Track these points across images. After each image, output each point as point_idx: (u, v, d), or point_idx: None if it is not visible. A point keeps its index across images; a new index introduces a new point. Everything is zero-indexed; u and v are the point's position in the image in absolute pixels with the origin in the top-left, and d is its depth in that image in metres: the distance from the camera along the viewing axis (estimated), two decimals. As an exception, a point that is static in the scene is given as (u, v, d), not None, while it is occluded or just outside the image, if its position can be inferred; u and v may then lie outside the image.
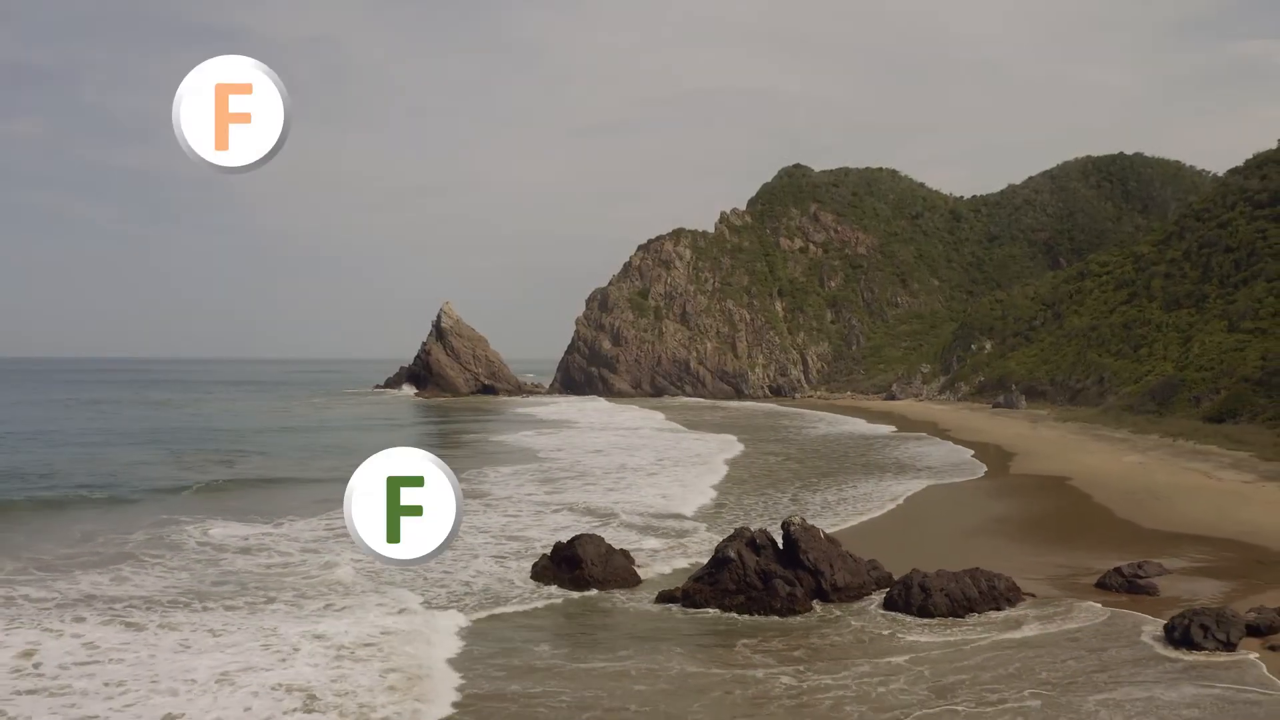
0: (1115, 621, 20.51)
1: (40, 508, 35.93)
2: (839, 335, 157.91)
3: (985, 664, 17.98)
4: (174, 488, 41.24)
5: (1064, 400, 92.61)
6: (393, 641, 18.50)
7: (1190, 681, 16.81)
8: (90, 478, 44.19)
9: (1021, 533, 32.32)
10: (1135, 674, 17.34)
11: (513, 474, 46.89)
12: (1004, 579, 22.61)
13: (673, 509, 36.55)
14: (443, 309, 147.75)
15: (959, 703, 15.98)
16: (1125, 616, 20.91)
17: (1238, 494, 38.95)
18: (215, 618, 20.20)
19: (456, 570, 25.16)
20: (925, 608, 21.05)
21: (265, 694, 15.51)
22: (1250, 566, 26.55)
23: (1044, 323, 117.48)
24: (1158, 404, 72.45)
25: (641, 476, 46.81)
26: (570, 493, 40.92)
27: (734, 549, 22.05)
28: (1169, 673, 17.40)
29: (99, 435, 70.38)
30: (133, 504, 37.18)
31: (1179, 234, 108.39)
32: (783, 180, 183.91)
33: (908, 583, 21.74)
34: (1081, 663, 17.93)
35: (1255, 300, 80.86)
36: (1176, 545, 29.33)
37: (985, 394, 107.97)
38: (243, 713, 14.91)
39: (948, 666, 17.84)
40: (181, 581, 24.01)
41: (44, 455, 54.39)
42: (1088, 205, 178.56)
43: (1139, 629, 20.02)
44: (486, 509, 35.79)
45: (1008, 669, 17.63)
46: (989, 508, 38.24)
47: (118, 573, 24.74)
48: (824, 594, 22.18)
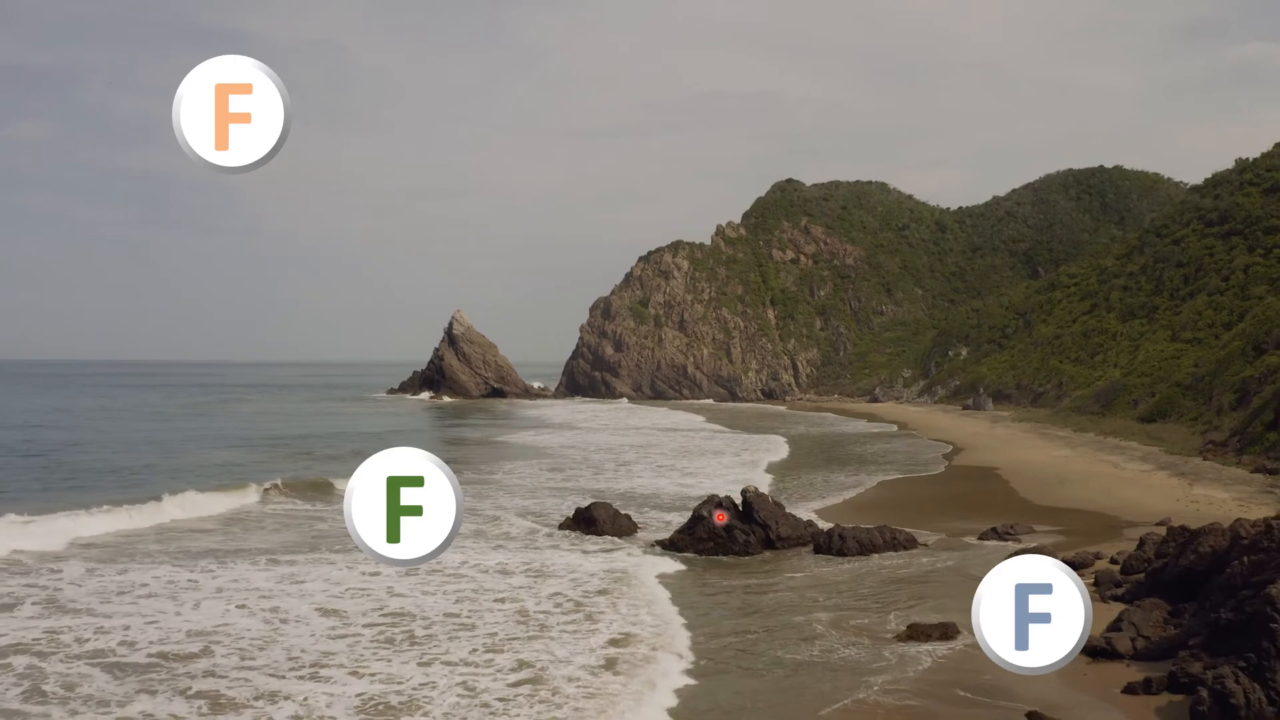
0: (969, 557, 29.13)
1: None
2: (827, 342, 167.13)
3: (867, 579, 26.62)
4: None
5: (1027, 402, 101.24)
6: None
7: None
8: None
9: (939, 506, 40.95)
10: (963, 587, 25.92)
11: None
12: (904, 533, 31.22)
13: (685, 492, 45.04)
14: (454, 317, 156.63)
15: (841, 596, 24.63)
16: (976, 555, 29.52)
17: (1129, 480, 47.48)
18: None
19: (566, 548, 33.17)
20: (842, 550, 29.64)
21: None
22: (1102, 530, 34.98)
23: (1016, 331, 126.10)
24: (1101, 406, 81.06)
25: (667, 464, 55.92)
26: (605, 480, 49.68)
27: (706, 509, 30.70)
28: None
29: (209, 439, 73.96)
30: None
31: (1140, 249, 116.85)
32: (775, 194, 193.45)
33: (830, 534, 30.38)
34: (928, 577, 26.54)
35: (1196, 313, 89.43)
36: (1056, 516, 37.84)
37: (959, 397, 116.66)
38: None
39: (843, 581, 26.48)
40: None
41: (230, 456, 59.12)
42: (1066, 217, 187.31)
43: (989, 563, 28.59)
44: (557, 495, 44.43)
45: (879, 580, 26.30)
46: (925, 489, 46.91)
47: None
48: (771, 543, 30.74)
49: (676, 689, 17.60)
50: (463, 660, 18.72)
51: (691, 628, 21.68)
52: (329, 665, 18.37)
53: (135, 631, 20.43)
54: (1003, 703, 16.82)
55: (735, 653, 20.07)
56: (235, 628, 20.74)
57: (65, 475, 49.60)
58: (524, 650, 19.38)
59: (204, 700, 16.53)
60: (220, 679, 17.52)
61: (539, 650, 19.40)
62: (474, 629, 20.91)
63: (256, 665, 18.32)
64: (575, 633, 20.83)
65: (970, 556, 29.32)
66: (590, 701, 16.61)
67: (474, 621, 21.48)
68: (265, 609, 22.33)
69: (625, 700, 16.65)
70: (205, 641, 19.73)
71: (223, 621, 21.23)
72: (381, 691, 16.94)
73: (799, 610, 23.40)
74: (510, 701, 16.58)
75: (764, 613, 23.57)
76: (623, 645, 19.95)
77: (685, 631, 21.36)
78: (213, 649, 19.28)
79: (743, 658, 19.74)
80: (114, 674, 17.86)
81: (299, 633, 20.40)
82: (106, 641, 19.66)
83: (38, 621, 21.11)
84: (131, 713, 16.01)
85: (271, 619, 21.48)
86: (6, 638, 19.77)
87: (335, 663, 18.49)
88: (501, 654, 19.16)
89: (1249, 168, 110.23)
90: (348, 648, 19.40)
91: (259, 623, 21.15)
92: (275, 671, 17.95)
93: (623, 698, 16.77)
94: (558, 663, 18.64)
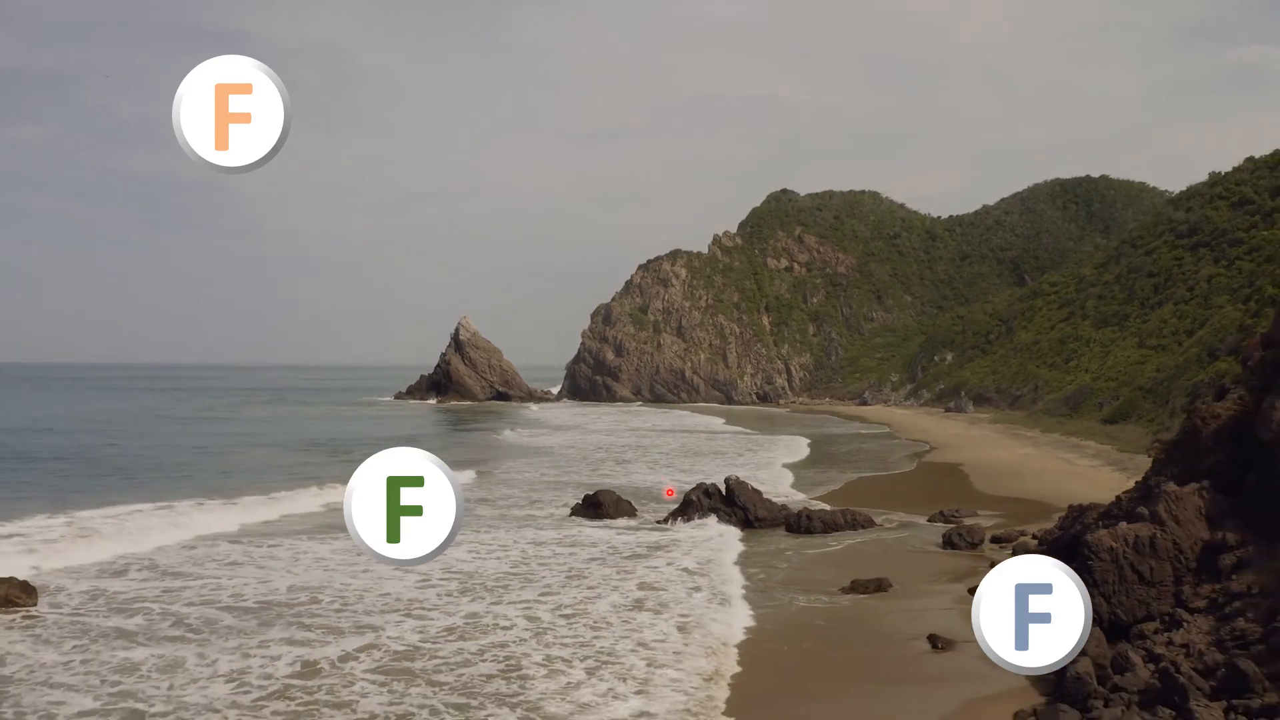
0: (914, 534, 34.71)
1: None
2: (820, 347, 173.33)
3: (828, 549, 32.20)
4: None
5: (1006, 405, 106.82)
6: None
7: (948, 562, 31.05)
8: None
9: (903, 495, 46.47)
10: (918, 560, 31.51)
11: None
12: (863, 514, 36.78)
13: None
14: (461, 322, 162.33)
15: (803, 561, 30.21)
16: (920, 532, 35.07)
17: (1077, 474, 52.95)
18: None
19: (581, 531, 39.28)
20: (809, 528, 35.18)
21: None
22: (1036, 513, 40.40)
23: (998, 337, 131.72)
24: (1070, 408, 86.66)
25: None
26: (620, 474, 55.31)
27: (695, 494, 36.29)
28: (934, 559, 31.57)
29: (248, 442, 77.22)
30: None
31: (1116, 258, 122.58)
32: (770, 204, 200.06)
33: (800, 515, 35.97)
34: (883, 550, 32.12)
35: (1161, 321, 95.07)
36: (1001, 503, 43.32)
37: (943, 400, 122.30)
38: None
39: (808, 550, 32.07)
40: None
41: (284, 457, 63.41)
42: (1053, 226, 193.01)
43: (929, 539, 34.19)
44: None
45: (836, 550, 31.92)
46: (895, 481, 52.50)
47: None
48: (750, 523, 36.27)
49: (684, 614, 23.56)
50: (524, 601, 24.71)
51: (684, 582, 27.32)
52: (420, 607, 24.23)
53: (274, 581, 26.13)
54: (908, 629, 22.39)
55: (720, 595, 25.76)
56: (336, 583, 26.44)
57: (180, 472, 55.44)
58: (574, 593, 25.62)
59: (322, 629, 22.30)
60: (329, 617, 23.22)
61: (586, 593, 25.55)
62: (531, 582, 26.97)
63: (360, 609, 23.95)
64: (610, 582, 26.90)
65: (915, 533, 34.94)
66: (625, 626, 22.60)
67: (530, 577, 27.52)
68: (360, 571, 27.93)
69: (656, 626, 22.66)
70: (312, 593, 25.51)
71: (325, 582, 26.89)
72: (463, 624, 22.69)
73: (772, 572, 29.07)
74: (562, 625, 22.59)
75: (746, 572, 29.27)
76: (648, 590, 25.96)
77: (684, 581, 27.11)
78: (319, 597, 25.04)
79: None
80: (251, 616, 23.55)
81: (389, 587, 25.97)
82: (250, 590, 25.37)
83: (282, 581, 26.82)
84: (269, 637, 21.68)
85: (363, 577, 27.08)
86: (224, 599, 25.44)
87: (425, 605, 24.35)
88: (555, 596, 25.23)
89: (1220, 181, 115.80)
90: (436, 596, 25.29)
91: (358, 579, 26.74)
92: (373, 610, 23.65)
93: (649, 627, 22.63)
94: (599, 600, 24.87)
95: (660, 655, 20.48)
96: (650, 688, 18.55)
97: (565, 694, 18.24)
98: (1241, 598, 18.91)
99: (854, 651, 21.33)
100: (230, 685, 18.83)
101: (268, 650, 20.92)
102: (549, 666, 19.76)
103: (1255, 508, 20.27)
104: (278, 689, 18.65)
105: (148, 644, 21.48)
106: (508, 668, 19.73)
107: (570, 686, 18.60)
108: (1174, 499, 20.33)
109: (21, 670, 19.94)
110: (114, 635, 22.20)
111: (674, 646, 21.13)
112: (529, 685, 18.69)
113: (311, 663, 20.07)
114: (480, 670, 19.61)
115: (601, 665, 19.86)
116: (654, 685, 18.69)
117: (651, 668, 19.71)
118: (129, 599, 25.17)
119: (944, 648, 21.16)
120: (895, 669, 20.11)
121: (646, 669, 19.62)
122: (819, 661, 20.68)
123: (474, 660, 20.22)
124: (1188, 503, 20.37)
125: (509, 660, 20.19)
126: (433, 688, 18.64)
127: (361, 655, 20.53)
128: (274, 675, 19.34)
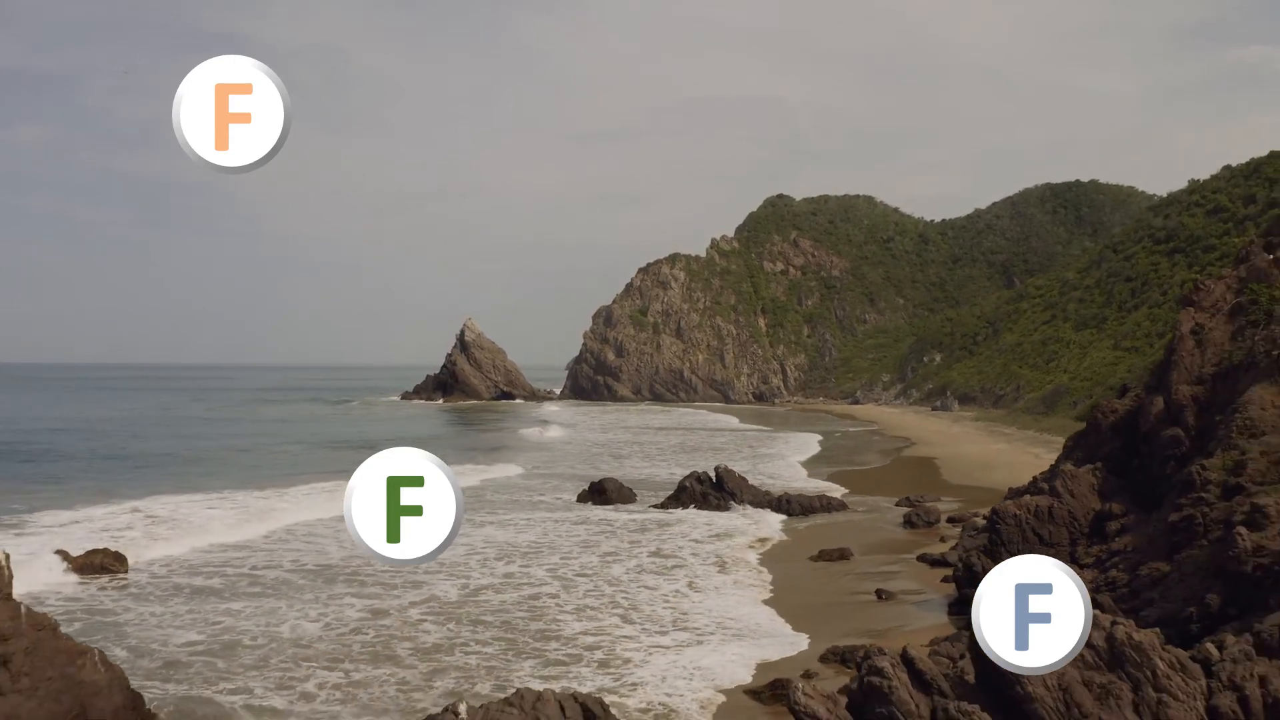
0: (878, 516, 39.64)
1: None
2: (814, 348, 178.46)
3: (804, 525, 37.15)
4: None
5: (989, 404, 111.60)
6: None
7: (905, 537, 35.98)
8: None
9: (878, 484, 51.42)
10: (879, 535, 36.43)
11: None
12: (836, 499, 41.72)
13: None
14: (465, 324, 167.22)
15: (780, 536, 35.17)
16: (884, 514, 39.98)
17: (1041, 467, 57.42)
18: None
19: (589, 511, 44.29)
20: (790, 510, 40.12)
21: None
22: (992, 499, 45.00)
23: (985, 338, 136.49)
24: (1047, 407, 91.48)
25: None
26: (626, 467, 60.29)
27: (687, 481, 41.21)
28: (894, 535, 36.48)
29: (279, 439, 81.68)
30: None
31: (1098, 263, 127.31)
32: (766, 209, 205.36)
33: (780, 499, 40.90)
34: (852, 528, 37.05)
35: (1136, 324, 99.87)
36: (964, 491, 48.19)
37: (930, 399, 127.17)
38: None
39: (790, 528, 37.03)
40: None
41: (321, 454, 67.03)
42: (1042, 230, 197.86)
43: (893, 519, 39.11)
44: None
45: (808, 527, 36.90)
46: (873, 473, 57.40)
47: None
48: (737, 506, 41.17)
49: (690, 578, 28.61)
50: (550, 564, 30.33)
51: (689, 551, 32.37)
52: (467, 565, 29.78)
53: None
54: (860, 586, 27.35)
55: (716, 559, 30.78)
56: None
57: (268, 465, 59.82)
58: (591, 556, 31.19)
59: (379, 585, 27.53)
60: (383, 578, 28.26)
61: (603, 559, 31.05)
62: (555, 549, 32.72)
63: (407, 571, 28.88)
64: (621, 551, 32.32)
65: (880, 515, 39.98)
66: (639, 584, 27.89)
67: (554, 546, 33.23)
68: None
69: (665, 585, 27.79)
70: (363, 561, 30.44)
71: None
72: (500, 581, 28.12)
73: (758, 544, 34.10)
74: (581, 579, 28.04)
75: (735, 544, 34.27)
76: (656, 557, 31.41)
77: (689, 550, 32.31)
78: (370, 564, 29.93)
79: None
80: (316, 576, 28.51)
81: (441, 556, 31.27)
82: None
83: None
84: (335, 593, 26.66)
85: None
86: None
87: (467, 568, 29.68)
88: (578, 559, 30.83)
89: (1198, 189, 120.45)
90: (478, 562, 30.60)
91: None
92: (418, 572, 28.63)
93: (660, 583, 27.90)
94: (615, 564, 30.50)
95: (678, 605, 25.64)
96: (675, 628, 23.53)
97: (596, 633, 23.19)
98: (1119, 555, 23.89)
99: (817, 599, 26.31)
100: (316, 625, 23.79)
101: (340, 600, 25.95)
102: (581, 614, 24.78)
103: (1138, 485, 25.21)
104: (356, 626, 23.66)
105: (233, 599, 26.39)
106: (543, 613, 24.80)
107: (599, 629, 23.56)
108: (1070, 477, 25.27)
109: (131, 618, 24.85)
110: (205, 592, 27.16)
111: (686, 598, 26.38)
112: (563, 625, 23.72)
113: (379, 610, 25.04)
114: (519, 615, 24.64)
115: (629, 611, 24.94)
116: (683, 627, 23.65)
117: (673, 611, 24.83)
118: (204, 566, 30.19)
119: (886, 599, 26.14)
120: (847, 612, 25.08)
121: (671, 616, 24.54)
122: (791, 608, 25.71)
123: (512, 609, 25.26)
124: (1082, 480, 25.29)
125: (544, 609, 25.23)
126: (481, 626, 23.65)
127: (419, 604, 25.52)
128: (349, 618, 24.32)
